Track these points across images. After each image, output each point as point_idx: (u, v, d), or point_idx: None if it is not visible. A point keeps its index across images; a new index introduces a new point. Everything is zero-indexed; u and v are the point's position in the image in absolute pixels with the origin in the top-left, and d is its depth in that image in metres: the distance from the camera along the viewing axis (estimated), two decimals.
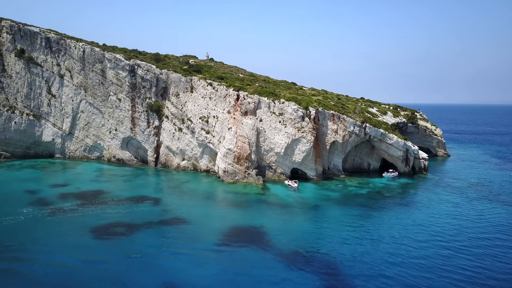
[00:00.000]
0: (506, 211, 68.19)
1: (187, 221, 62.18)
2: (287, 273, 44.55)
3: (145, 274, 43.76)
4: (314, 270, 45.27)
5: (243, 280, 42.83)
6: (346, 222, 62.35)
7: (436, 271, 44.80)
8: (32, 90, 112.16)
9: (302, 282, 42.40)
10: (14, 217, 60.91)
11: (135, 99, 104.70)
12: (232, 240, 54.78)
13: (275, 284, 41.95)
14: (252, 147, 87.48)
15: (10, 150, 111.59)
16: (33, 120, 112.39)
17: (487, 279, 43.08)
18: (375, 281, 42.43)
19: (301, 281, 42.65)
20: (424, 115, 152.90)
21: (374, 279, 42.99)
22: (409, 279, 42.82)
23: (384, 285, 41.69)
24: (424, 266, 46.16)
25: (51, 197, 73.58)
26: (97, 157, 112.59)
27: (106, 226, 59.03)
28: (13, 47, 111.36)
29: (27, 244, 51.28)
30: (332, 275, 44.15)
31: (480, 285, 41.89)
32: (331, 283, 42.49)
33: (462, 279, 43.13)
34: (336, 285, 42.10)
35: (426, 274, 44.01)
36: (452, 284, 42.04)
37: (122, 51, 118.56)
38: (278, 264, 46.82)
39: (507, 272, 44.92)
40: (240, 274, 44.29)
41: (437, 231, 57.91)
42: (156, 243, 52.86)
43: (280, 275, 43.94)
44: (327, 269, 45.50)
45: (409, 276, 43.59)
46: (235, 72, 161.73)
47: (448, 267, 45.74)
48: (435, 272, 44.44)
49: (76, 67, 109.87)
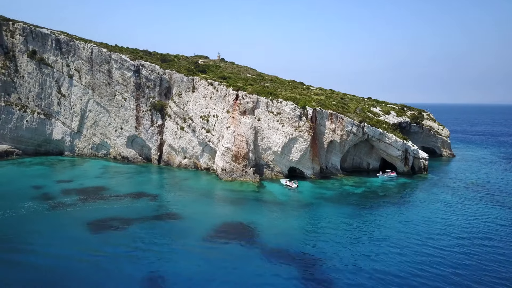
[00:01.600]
0: (497, 211, 68.05)
1: (180, 217, 64.41)
2: (270, 267, 46.17)
3: (132, 265, 46.03)
4: (295, 264, 46.87)
5: (226, 272, 44.63)
6: (335, 220, 63.40)
7: (407, 270, 45.61)
8: (43, 90, 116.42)
9: (282, 275, 44.06)
10: (16, 210, 64.26)
11: (140, 98, 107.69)
12: (221, 235, 56.55)
13: (258, 276, 43.72)
14: (249, 145, 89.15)
15: (22, 148, 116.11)
16: (44, 118, 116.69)
17: (464, 278, 43.79)
18: (350, 275, 43.83)
19: (282, 274, 44.30)
20: (431, 115, 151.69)
21: (349, 273, 44.38)
22: (380, 275, 43.91)
23: (358, 278, 42.95)
24: (399, 263, 47.13)
25: (54, 192, 76.86)
26: (104, 155, 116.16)
27: (102, 220, 61.64)
28: (25, 49, 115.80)
29: (23, 235, 54.31)
30: (311, 269, 45.84)
31: (456, 283, 42.65)
32: (309, 276, 44.12)
33: (434, 278, 43.92)
34: (313, 279, 43.59)
35: (400, 272, 44.99)
36: (422, 283, 42.90)
37: (128, 52, 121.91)
38: (262, 258, 48.45)
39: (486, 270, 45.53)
40: (224, 267, 46.10)
41: (420, 230, 58.35)
42: (147, 236, 55.11)
43: (263, 268, 45.61)
44: (308, 264, 47.10)
45: (381, 273, 44.66)
46: (243, 72, 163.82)
47: (421, 267, 46.29)
48: (407, 271, 45.34)
49: (84, 68, 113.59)
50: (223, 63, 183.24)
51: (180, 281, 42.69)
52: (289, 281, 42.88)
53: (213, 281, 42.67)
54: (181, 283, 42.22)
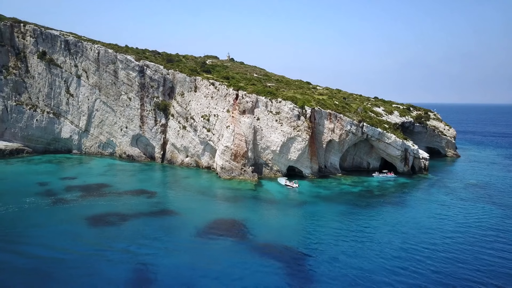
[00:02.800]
0: (491, 211, 67.90)
1: (175, 213, 66.23)
2: (256, 261, 47.62)
3: (124, 258, 47.92)
4: (280, 259, 48.21)
5: (213, 267, 46.04)
6: (326, 218, 64.27)
7: (382, 268, 46.30)
8: (52, 90, 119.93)
9: (266, 268, 45.49)
10: (19, 205, 66.98)
11: (144, 98, 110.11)
12: (213, 231, 58.07)
13: (244, 270, 45.06)
14: (249, 145, 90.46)
15: (32, 146, 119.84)
16: (53, 118, 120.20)
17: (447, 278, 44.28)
18: (329, 270, 45.00)
19: (266, 267, 45.74)
20: (438, 115, 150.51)
21: (328, 268, 45.58)
22: (357, 272, 44.76)
23: (340, 274, 43.92)
24: (376, 261, 47.87)
25: (58, 189, 79.53)
26: (110, 153, 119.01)
27: (100, 215, 63.81)
28: (35, 50, 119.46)
29: (21, 228, 56.80)
30: (294, 263, 47.17)
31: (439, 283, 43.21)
32: (293, 271, 45.24)
33: (409, 276, 44.49)
34: (297, 274, 44.74)
35: (375, 269, 45.85)
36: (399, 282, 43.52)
37: (134, 52, 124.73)
38: (249, 254, 49.78)
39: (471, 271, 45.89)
40: (211, 262, 47.55)
41: (406, 230, 58.65)
42: (141, 231, 57.00)
43: (249, 263, 46.94)
44: (292, 258, 48.45)
45: (359, 269, 45.56)
46: (250, 72, 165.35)
47: (398, 266, 46.86)
48: (382, 268, 46.07)
49: (91, 68, 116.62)
50: (231, 63, 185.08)
51: (168, 273, 44.19)
52: (272, 274, 44.21)
53: (199, 273, 44.24)
54: (169, 275, 43.68)
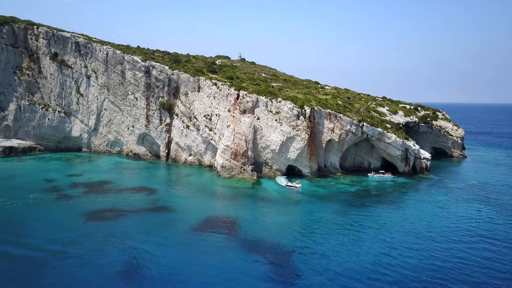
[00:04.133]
0: (486, 213, 67.61)
1: (171, 209, 68.29)
2: (242, 256, 49.18)
3: (116, 251, 50.04)
4: (266, 254, 49.55)
5: (200, 261, 47.80)
6: (318, 217, 65.23)
7: (361, 267, 47.08)
8: (64, 90, 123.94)
9: (253, 265, 46.88)
10: (24, 200, 70.20)
11: (150, 98, 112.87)
12: (205, 227, 59.81)
13: (230, 265, 46.59)
14: (248, 144, 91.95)
15: (44, 144, 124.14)
16: (64, 117, 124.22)
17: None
18: (312, 267, 46.19)
19: (253, 264, 47.12)
20: (446, 114, 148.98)
21: (312, 264, 46.78)
22: (337, 270, 45.70)
23: (323, 270, 45.03)
24: (354, 259, 48.72)
25: (63, 185, 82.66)
26: (118, 152, 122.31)
27: (99, 211, 66.35)
28: (48, 51, 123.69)
29: (21, 221, 59.77)
30: (281, 261, 48.18)
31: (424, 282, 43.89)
32: (277, 267, 46.52)
33: (390, 276, 45.21)
34: (281, 269, 45.97)
35: (352, 267, 46.75)
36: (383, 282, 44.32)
37: (142, 53, 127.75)
38: (238, 249, 51.34)
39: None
40: (199, 256, 49.28)
41: (397, 229, 59.12)
42: (135, 227, 59.24)
43: (236, 259, 48.49)
44: (277, 254, 49.78)
45: (339, 268, 46.46)
46: (259, 71, 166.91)
47: (385, 267, 47.41)
48: (361, 268, 46.89)
49: (100, 69, 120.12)
50: (240, 63, 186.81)
51: (157, 266, 46.01)
52: (257, 268, 45.75)
53: (186, 266, 46.14)
54: (157, 268, 45.46)
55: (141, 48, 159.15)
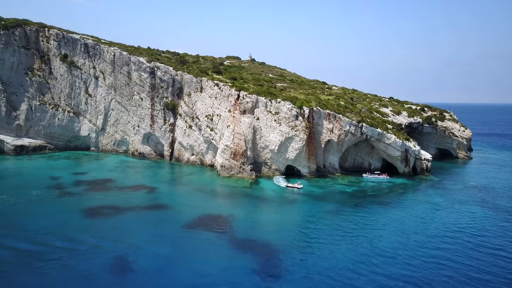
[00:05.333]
0: (480, 214, 67.20)
1: (167, 207, 70.08)
2: (231, 254, 50.51)
3: (109, 246, 51.94)
4: (255, 253, 50.62)
5: (188, 257, 49.36)
6: (310, 216, 66.07)
7: (348, 269, 47.84)
8: (73, 90, 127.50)
9: (240, 262, 48.09)
10: (27, 197, 72.98)
11: (154, 98, 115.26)
12: (198, 225, 61.28)
13: (217, 261, 48.01)
14: (248, 144, 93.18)
15: (54, 143, 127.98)
16: (73, 116, 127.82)
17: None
18: (297, 264, 47.18)
19: (240, 261, 48.36)
20: (454, 115, 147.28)
21: (297, 261, 47.84)
22: (320, 268, 46.54)
23: (308, 268, 46.01)
24: (333, 258, 49.44)
25: (67, 183, 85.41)
26: (124, 151, 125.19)
27: (97, 208, 68.58)
28: (58, 53, 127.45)
29: (23, 217, 62.32)
30: (267, 259, 49.19)
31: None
32: (263, 263, 47.69)
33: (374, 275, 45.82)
34: (267, 267, 47.04)
35: (333, 267, 47.49)
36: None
37: (149, 54, 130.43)
38: (227, 246, 52.71)
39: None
40: (187, 252, 50.88)
41: (387, 231, 59.39)
42: (130, 223, 61.30)
43: (224, 255, 49.86)
44: (267, 253, 50.56)
45: (323, 267, 47.27)
46: (266, 72, 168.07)
47: (369, 267, 48.12)
48: (344, 268, 47.55)
49: (108, 69, 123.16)
50: (248, 64, 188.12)
51: (146, 261, 47.65)
52: (244, 266, 46.87)
53: (174, 262, 47.65)
54: (146, 264, 46.97)
55: (151, 49, 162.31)
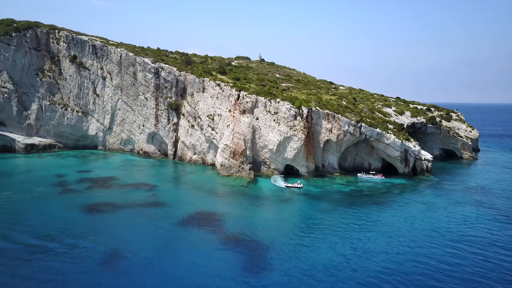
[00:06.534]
0: (475, 215, 66.78)
1: (164, 204, 71.92)
2: (219, 249, 51.84)
3: (103, 240, 53.91)
4: (243, 250, 51.80)
5: (177, 253, 50.95)
6: (302, 215, 67.03)
7: (332, 266, 48.56)
8: (81, 91, 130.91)
9: (228, 258, 49.36)
10: (30, 194, 75.78)
11: (159, 98, 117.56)
12: (191, 222, 62.78)
13: (205, 256, 49.26)
14: (247, 143, 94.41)
15: (63, 142, 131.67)
16: (82, 116, 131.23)
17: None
18: (283, 261, 48.23)
19: (228, 257, 49.69)
20: (461, 115, 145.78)
21: (282, 259, 48.86)
22: (304, 266, 47.40)
23: (292, 265, 46.99)
24: (314, 257, 50.22)
25: (71, 180, 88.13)
26: (130, 150, 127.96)
27: (96, 204, 70.85)
28: (68, 54, 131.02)
29: (22, 213, 64.98)
30: (254, 255, 50.38)
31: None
32: (249, 260, 48.83)
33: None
34: (252, 262, 48.27)
35: (312, 266, 48.19)
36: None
37: (154, 54, 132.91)
38: (216, 242, 54.03)
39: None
40: (177, 248, 52.52)
41: (375, 230, 59.77)
42: (126, 219, 63.23)
43: (213, 251, 51.15)
44: (254, 250, 51.66)
45: (308, 265, 48.10)
46: (273, 72, 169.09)
47: (354, 267, 48.89)
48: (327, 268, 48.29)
49: (115, 70, 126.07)
50: (256, 64, 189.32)
51: (136, 257, 49.07)
52: (231, 261, 48.15)
53: (164, 257, 49.04)
54: (136, 259, 48.47)
55: (160, 50, 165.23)
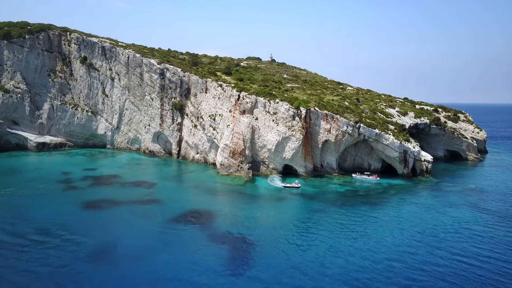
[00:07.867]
0: (471, 216, 66.40)
1: (160, 202, 74.07)
2: (208, 245, 53.41)
3: (97, 234, 56.22)
4: (230, 245, 53.60)
5: (167, 249, 52.33)
6: (294, 214, 68.16)
7: (320, 264, 49.44)
8: (91, 91, 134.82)
9: (215, 254, 50.71)
10: (34, 190, 79.03)
11: (164, 98, 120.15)
12: (183, 219, 64.50)
13: (192, 252, 50.85)
14: (246, 143, 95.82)
15: (73, 141, 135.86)
16: (91, 116, 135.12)
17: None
18: (271, 259, 49.27)
19: (214, 251, 51.44)
20: (469, 116, 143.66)
21: (272, 256, 49.95)
22: (292, 263, 48.50)
23: (279, 262, 48.15)
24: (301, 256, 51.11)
25: (75, 178, 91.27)
26: (137, 149, 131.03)
27: (96, 201, 73.49)
28: (78, 55, 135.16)
29: (25, 208, 67.99)
30: (239, 253, 51.56)
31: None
32: (237, 258, 49.97)
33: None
34: (239, 259, 49.41)
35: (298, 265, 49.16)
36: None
37: (161, 55, 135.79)
38: (205, 239, 55.65)
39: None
40: (167, 244, 53.98)
41: (362, 230, 60.14)
42: (122, 215, 65.51)
43: (203, 247, 52.71)
44: (241, 248, 52.97)
45: (296, 263, 49.16)
46: (281, 73, 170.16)
47: (341, 266, 49.66)
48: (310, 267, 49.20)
49: (122, 71, 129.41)
50: (266, 64, 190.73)
51: (126, 252, 50.91)
52: (217, 258, 49.46)
53: (154, 253, 50.80)
54: (126, 255, 50.29)
55: (170, 51, 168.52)
